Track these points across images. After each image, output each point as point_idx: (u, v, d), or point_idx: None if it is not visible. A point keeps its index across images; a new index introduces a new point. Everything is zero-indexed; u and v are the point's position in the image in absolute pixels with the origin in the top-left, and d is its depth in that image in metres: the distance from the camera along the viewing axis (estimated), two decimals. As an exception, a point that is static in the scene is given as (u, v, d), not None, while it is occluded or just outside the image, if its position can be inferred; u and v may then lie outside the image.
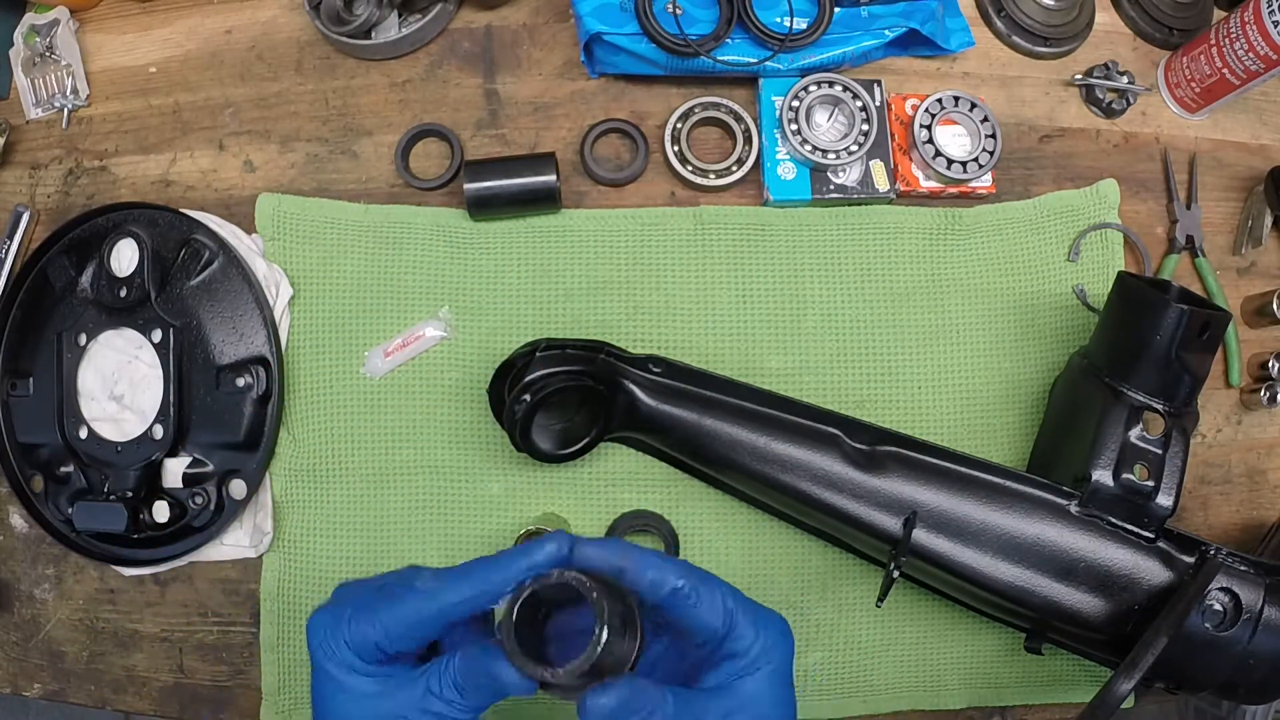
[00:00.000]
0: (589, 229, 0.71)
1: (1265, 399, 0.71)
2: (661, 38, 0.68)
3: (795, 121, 0.70)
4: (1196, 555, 0.57)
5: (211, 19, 0.76)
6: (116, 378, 0.68)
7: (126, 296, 0.67)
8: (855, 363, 0.70)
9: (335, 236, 0.71)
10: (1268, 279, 0.75)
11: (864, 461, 0.60)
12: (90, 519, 0.65)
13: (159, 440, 0.66)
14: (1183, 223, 0.74)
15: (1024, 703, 0.69)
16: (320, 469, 0.68)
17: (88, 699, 0.69)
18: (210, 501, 0.67)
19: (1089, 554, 0.57)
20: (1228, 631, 0.54)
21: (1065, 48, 0.77)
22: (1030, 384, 0.71)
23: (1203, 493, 0.72)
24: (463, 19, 0.76)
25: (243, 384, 0.67)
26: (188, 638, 0.69)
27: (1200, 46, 0.73)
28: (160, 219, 0.69)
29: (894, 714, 0.68)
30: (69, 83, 0.74)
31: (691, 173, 0.72)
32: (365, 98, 0.74)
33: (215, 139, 0.74)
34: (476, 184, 0.68)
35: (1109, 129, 0.76)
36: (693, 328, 0.70)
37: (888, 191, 0.71)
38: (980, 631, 0.68)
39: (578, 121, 0.74)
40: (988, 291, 0.72)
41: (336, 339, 0.70)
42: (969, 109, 0.72)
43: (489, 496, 0.68)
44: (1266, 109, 0.78)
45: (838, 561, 0.68)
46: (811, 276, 0.71)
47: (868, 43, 0.71)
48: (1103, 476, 0.58)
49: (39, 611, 0.70)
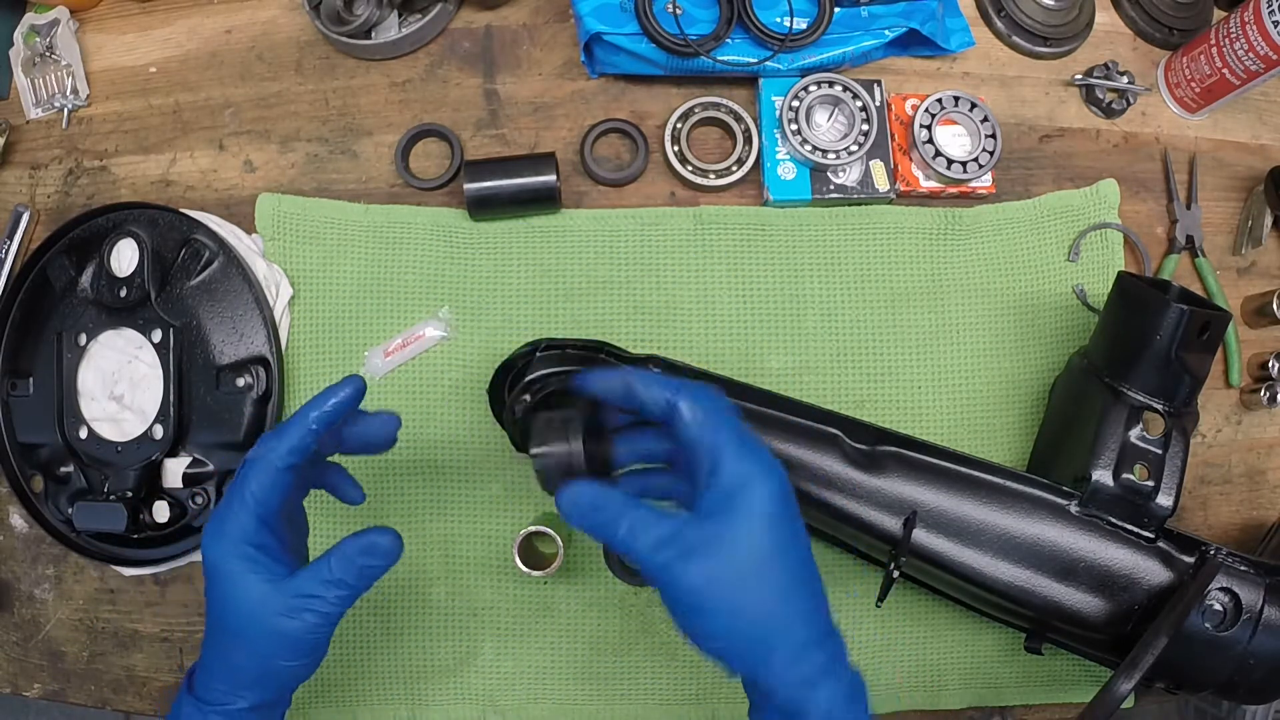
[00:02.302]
0: (589, 229, 0.71)
1: (1265, 399, 0.71)
2: (661, 38, 0.68)
3: (795, 121, 0.70)
4: (1196, 555, 0.57)
5: (211, 19, 0.76)
6: (116, 378, 0.68)
7: (126, 296, 0.67)
8: (855, 363, 0.70)
9: (335, 236, 0.71)
10: (1268, 279, 0.75)
11: (864, 461, 0.60)
12: (90, 519, 0.65)
13: (159, 440, 0.66)
14: (1183, 223, 0.74)
15: (1024, 703, 0.69)
16: (320, 469, 0.68)
17: (88, 699, 0.69)
18: (210, 501, 0.67)
19: (1089, 554, 0.57)
20: (1228, 632, 0.54)
21: (1065, 48, 0.77)
22: (1030, 384, 0.71)
23: (1203, 493, 0.72)
24: (463, 19, 0.76)
25: (243, 384, 0.67)
26: (188, 638, 0.69)
27: (1200, 46, 0.73)
28: (160, 219, 0.69)
29: (894, 714, 0.68)
30: (69, 83, 0.74)
31: (691, 173, 0.72)
32: (365, 98, 0.74)
33: (215, 139, 0.74)
34: (476, 184, 0.68)
35: (1109, 129, 0.76)
36: (693, 328, 0.70)
37: (888, 191, 0.71)
38: (980, 631, 0.68)
39: (578, 121, 0.74)
40: (988, 291, 0.72)
41: (336, 339, 0.70)
42: (969, 109, 0.72)
43: (489, 496, 0.68)
44: (1266, 109, 0.78)
45: (838, 561, 0.68)
46: (811, 276, 0.71)
47: (868, 43, 0.71)
48: (1103, 476, 0.58)
49: (39, 611, 0.70)
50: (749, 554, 0.44)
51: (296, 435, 0.49)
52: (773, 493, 0.45)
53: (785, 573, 0.45)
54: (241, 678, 0.49)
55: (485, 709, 0.67)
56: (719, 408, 0.47)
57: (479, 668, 0.67)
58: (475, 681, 0.67)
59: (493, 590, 0.68)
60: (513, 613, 0.68)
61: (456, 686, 0.67)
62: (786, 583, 0.45)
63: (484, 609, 0.68)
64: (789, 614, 0.45)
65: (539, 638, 0.67)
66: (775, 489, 0.45)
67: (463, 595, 0.67)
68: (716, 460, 0.45)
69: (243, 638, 0.48)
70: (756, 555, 0.44)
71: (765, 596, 0.44)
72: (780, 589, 0.45)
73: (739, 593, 0.44)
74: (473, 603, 0.68)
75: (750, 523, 0.44)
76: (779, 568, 0.45)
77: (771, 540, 0.45)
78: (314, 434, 0.50)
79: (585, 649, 0.67)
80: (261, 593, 0.48)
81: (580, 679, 0.67)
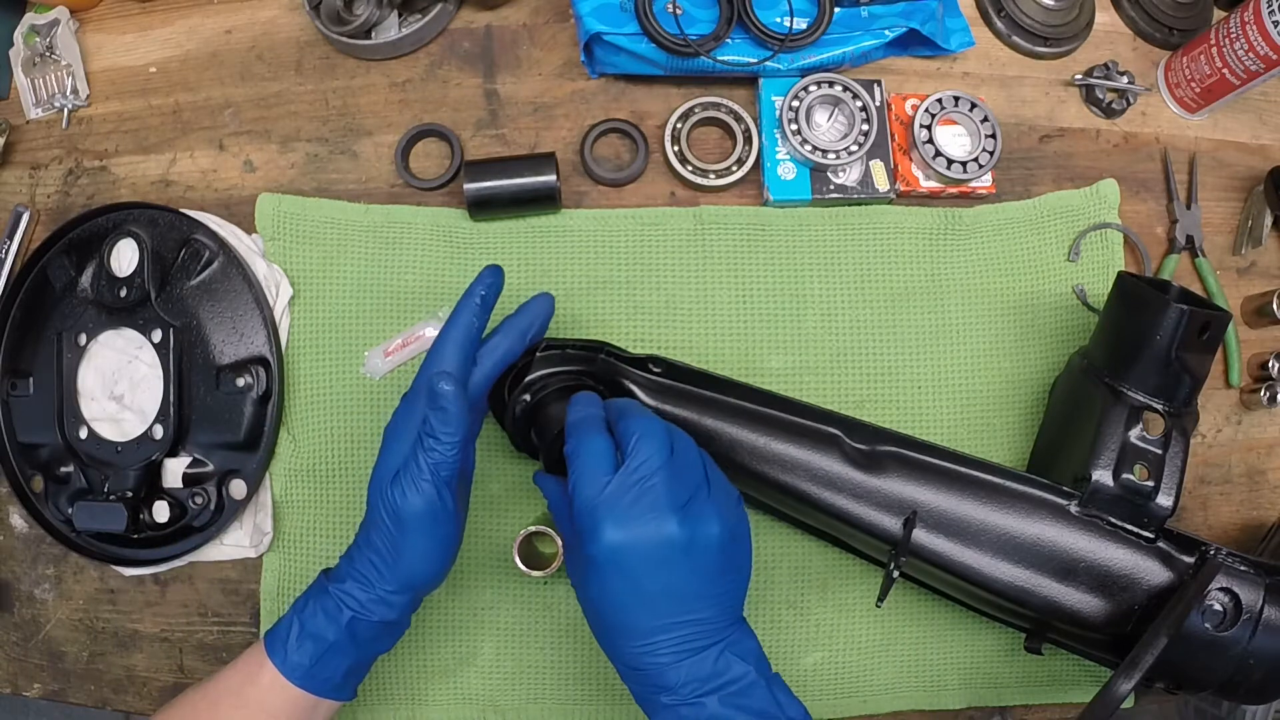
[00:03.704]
0: (589, 229, 0.71)
1: (1265, 399, 0.71)
2: (661, 38, 0.68)
3: (795, 121, 0.70)
4: (1196, 555, 0.57)
5: (211, 19, 0.76)
6: (116, 378, 0.68)
7: (126, 296, 0.67)
8: (855, 363, 0.70)
9: (335, 236, 0.71)
10: (1268, 279, 0.75)
11: (864, 461, 0.60)
12: (90, 519, 0.65)
13: (159, 440, 0.66)
14: (1183, 223, 0.74)
15: (1024, 703, 0.69)
16: (320, 469, 0.68)
17: (88, 699, 0.69)
18: (210, 501, 0.67)
19: (1089, 554, 0.57)
20: (1228, 632, 0.54)
21: (1065, 48, 0.77)
22: (1030, 384, 0.71)
23: (1203, 493, 0.72)
24: (463, 19, 0.76)
25: (243, 384, 0.67)
26: (188, 638, 0.69)
27: (1200, 46, 0.73)
28: (160, 219, 0.69)
29: (894, 714, 0.68)
30: (69, 83, 0.74)
31: (691, 173, 0.72)
32: (365, 98, 0.74)
33: (215, 139, 0.74)
34: (476, 184, 0.68)
35: (1109, 129, 0.76)
36: (693, 328, 0.70)
37: (888, 191, 0.71)
38: (980, 631, 0.68)
39: (578, 121, 0.74)
40: (988, 291, 0.72)
41: (336, 339, 0.70)
42: (969, 109, 0.72)
43: (489, 496, 0.68)
44: (1266, 109, 0.78)
45: (838, 561, 0.68)
46: (811, 276, 0.71)
47: (868, 43, 0.71)
48: (1103, 476, 0.58)
49: (39, 611, 0.70)
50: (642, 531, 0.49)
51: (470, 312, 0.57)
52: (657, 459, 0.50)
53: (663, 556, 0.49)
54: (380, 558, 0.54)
55: (485, 709, 0.67)
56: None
57: (479, 668, 0.67)
58: (475, 681, 0.67)
59: (493, 590, 0.68)
60: (513, 613, 0.68)
61: (456, 686, 0.67)
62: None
63: (484, 609, 0.68)
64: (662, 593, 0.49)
65: (539, 638, 0.67)
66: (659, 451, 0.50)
67: (463, 595, 0.67)
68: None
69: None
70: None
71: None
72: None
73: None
74: (473, 603, 0.68)
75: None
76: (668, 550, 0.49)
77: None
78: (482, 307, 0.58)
79: (585, 649, 0.67)
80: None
81: (580, 679, 0.67)
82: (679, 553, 0.48)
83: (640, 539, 0.48)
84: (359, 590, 0.54)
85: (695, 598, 0.49)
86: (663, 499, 0.48)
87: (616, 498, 0.48)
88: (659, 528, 0.48)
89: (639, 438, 0.50)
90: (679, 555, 0.48)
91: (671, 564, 0.48)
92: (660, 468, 0.49)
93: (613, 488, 0.49)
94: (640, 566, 0.48)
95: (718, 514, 0.50)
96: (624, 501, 0.48)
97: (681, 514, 0.48)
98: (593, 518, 0.48)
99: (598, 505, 0.48)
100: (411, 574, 0.54)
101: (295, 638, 0.54)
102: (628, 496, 0.48)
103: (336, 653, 0.54)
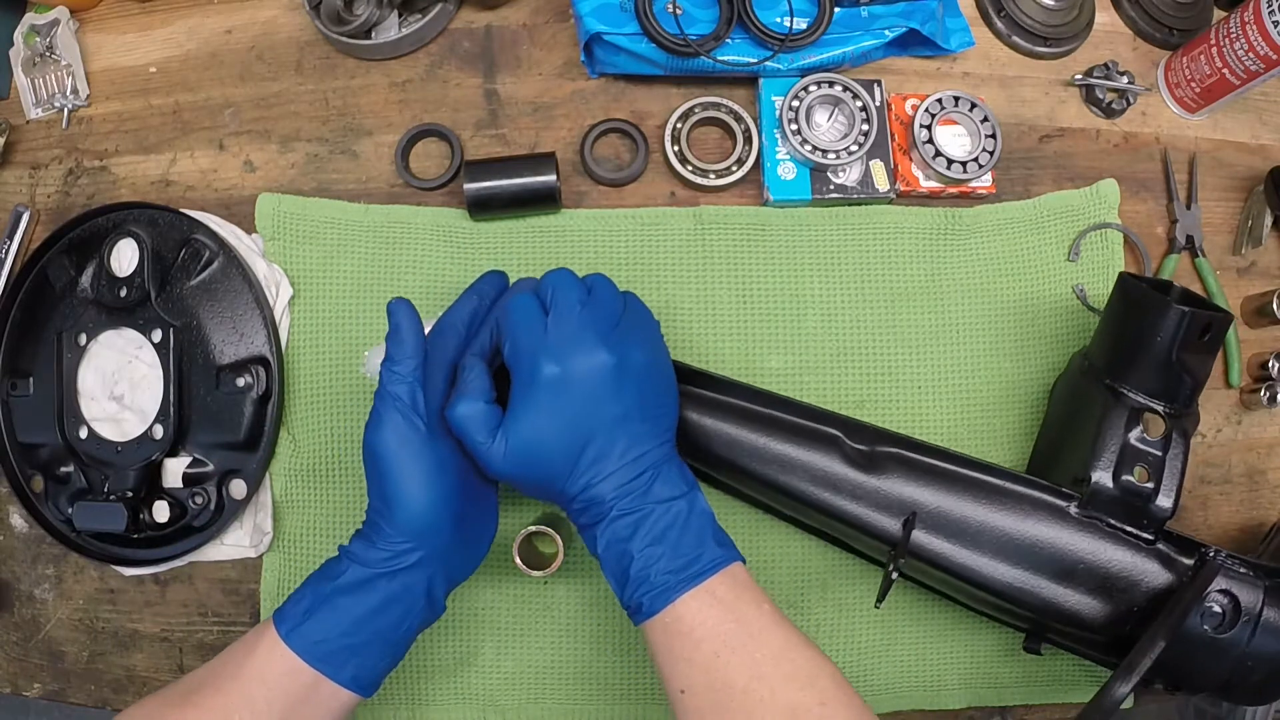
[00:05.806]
0: (589, 229, 0.71)
1: (1265, 399, 0.71)
2: (661, 38, 0.68)
3: (795, 121, 0.70)
4: (1196, 557, 0.57)
5: (211, 19, 0.76)
6: (116, 378, 0.68)
7: (126, 296, 0.67)
8: (855, 363, 0.70)
9: (335, 236, 0.71)
10: (1268, 279, 0.75)
11: (864, 462, 0.60)
12: (90, 519, 0.65)
13: (159, 440, 0.66)
14: (1183, 223, 0.74)
15: (1024, 703, 0.69)
16: (320, 469, 0.68)
17: (88, 699, 0.69)
18: (210, 501, 0.67)
19: (1088, 555, 0.57)
20: (1227, 633, 0.54)
21: (1065, 48, 0.77)
22: (1030, 385, 0.71)
23: (1202, 493, 0.72)
24: (463, 19, 0.76)
25: (243, 384, 0.67)
26: (188, 638, 0.69)
27: (1200, 46, 0.73)
28: (160, 219, 0.69)
29: (894, 714, 0.68)
30: (69, 83, 0.74)
31: (691, 173, 0.72)
32: (365, 98, 0.74)
33: (215, 139, 0.74)
34: (476, 184, 0.68)
35: (1109, 129, 0.76)
36: (693, 328, 0.70)
37: (888, 191, 0.71)
38: (980, 631, 0.68)
39: (578, 121, 0.74)
40: (988, 292, 0.72)
41: (336, 339, 0.70)
42: (969, 109, 0.72)
43: (489, 497, 0.68)
44: (1266, 109, 0.78)
45: (838, 561, 0.68)
46: (811, 276, 0.71)
47: (868, 43, 0.71)
48: (1102, 478, 0.58)
49: (39, 611, 0.70)
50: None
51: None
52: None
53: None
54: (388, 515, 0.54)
55: (485, 709, 0.67)
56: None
57: (479, 668, 0.67)
58: (475, 681, 0.67)
59: (493, 590, 0.68)
60: (513, 613, 0.68)
61: (456, 686, 0.67)
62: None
63: (484, 609, 0.68)
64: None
65: (539, 638, 0.68)
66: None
67: (463, 595, 0.68)
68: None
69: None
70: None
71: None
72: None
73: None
74: (473, 603, 0.68)
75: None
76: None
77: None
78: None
79: (585, 649, 0.67)
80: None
81: (580, 679, 0.67)
82: (610, 376, 0.54)
83: (575, 369, 0.53)
84: (361, 544, 0.54)
85: (633, 419, 0.54)
86: (589, 333, 0.54)
87: (548, 339, 0.54)
88: (590, 357, 0.54)
89: (555, 289, 0.56)
90: (611, 379, 0.54)
91: (606, 386, 0.54)
92: (582, 308, 0.55)
93: (544, 332, 0.55)
94: (579, 392, 0.53)
95: (640, 343, 0.56)
96: (553, 340, 0.54)
97: (608, 344, 0.54)
98: (532, 359, 0.54)
99: (536, 349, 0.54)
100: (409, 516, 0.54)
101: (295, 596, 0.54)
102: (555, 335, 0.54)
103: (332, 610, 0.53)
